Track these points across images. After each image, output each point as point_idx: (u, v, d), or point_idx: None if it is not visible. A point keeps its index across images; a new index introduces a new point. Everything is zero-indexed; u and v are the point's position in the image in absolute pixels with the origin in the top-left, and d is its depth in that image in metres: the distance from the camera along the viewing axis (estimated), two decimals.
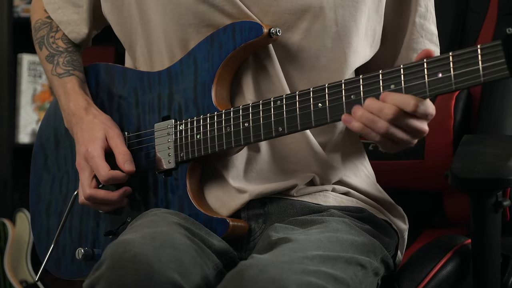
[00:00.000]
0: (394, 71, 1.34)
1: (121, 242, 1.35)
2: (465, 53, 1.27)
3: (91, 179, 1.57)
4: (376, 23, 1.59)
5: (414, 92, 1.32)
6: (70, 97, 1.64)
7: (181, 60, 1.57)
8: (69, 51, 1.71)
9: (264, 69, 1.53)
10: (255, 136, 1.47)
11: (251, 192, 1.52)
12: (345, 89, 1.39)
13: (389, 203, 1.65)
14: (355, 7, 1.53)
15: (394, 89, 1.34)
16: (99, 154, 1.56)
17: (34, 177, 1.78)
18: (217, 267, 1.42)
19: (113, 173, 1.54)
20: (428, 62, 1.31)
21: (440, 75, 1.30)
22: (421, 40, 1.63)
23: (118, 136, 1.58)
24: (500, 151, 1.57)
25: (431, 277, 1.60)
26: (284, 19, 1.51)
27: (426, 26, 1.63)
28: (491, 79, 1.25)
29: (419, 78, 1.32)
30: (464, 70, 1.27)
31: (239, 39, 1.50)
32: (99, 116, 1.61)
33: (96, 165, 1.55)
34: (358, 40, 1.55)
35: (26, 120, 3.41)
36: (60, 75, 1.67)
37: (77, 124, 1.61)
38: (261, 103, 1.46)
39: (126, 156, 1.56)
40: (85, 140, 1.58)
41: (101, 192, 1.56)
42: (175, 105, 1.57)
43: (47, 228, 1.73)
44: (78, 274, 1.68)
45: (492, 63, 1.25)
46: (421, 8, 1.62)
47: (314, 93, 1.41)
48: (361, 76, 1.37)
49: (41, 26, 1.74)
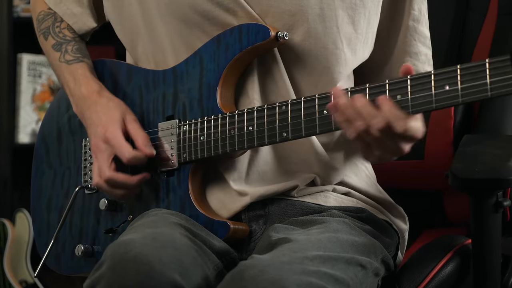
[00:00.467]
0: (401, 82, 1.33)
1: (121, 242, 1.35)
2: (473, 67, 1.27)
3: (110, 161, 1.55)
4: (375, 25, 1.59)
5: (421, 103, 1.31)
6: (81, 82, 1.63)
7: (187, 60, 1.56)
8: (76, 40, 1.71)
9: (269, 71, 1.53)
10: (259, 140, 1.46)
11: (252, 195, 1.52)
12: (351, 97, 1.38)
13: (389, 203, 1.65)
14: (353, 9, 1.53)
15: (400, 99, 1.33)
16: (120, 135, 1.55)
17: (36, 171, 1.77)
18: (217, 267, 1.42)
19: (137, 153, 1.53)
20: (436, 74, 1.30)
21: (447, 88, 1.29)
22: (415, 43, 1.63)
23: (135, 120, 1.58)
24: (500, 151, 1.56)
25: (431, 278, 1.60)
26: (284, 20, 1.51)
27: (420, 29, 1.64)
28: (498, 94, 1.24)
29: (425, 90, 1.31)
30: (472, 84, 1.27)
31: (245, 41, 1.50)
32: (113, 99, 1.61)
33: (120, 146, 1.53)
34: (358, 43, 1.56)
35: (25, 120, 3.41)
36: (69, 62, 1.67)
37: (90, 107, 1.60)
38: (266, 107, 1.46)
39: (146, 140, 1.55)
40: (103, 122, 1.56)
41: (121, 175, 1.55)
42: (180, 105, 1.56)
43: (47, 223, 1.73)
44: (77, 270, 1.68)
45: (500, 78, 1.24)
46: (415, 11, 1.62)
47: (320, 100, 1.41)
48: (367, 85, 1.36)
49: (45, 17, 1.74)
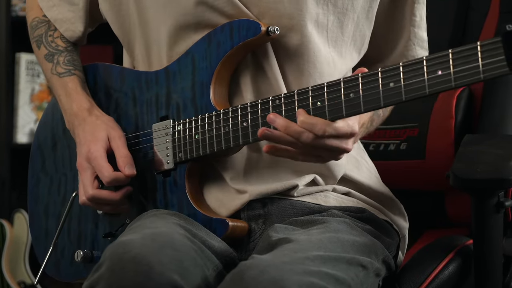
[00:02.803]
0: (393, 69, 1.33)
1: (120, 243, 1.34)
2: (465, 50, 1.27)
3: (93, 180, 1.56)
4: (366, 28, 1.60)
5: (414, 89, 1.31)
6: (72, 98, 1.63)
7: (179, 60, 1.56)
8: (68, 50, 1.70)
9: (262, 69, 1.53)
10: (254, 135, 1.46)
11: (251, 193, 1.51)
12: (344, 87, 1.38)
13: (390, 200, 1.65)
14: (343, 13, 1.55)
15: (393, 86, 1.33)
16: (101, 155, 1.55)
17: (32, 178, 1.77)
18: (217, 268, 1.41)
19: (116, 175, 1.54)
20: (428, 60, 1.30)
21: (439, 73, 1.29)
22: (413, 47, 1.66)
23: (120, 138, 1.57)
24: (502, 151, 1.56)
25: (432, 278, 1.59)
26: (282, 23, 1.50)
27: (419, 34, 1.67)
28: (491, 76, 1.24)
29: (418, 76, 1.31)
30: (464, 67, 1.27)
31: (236, 37, 1.49)
32: (101, 117, 1.61)
33: (100, 166, 1.54)
34: (343, 45, 1.57)
35: (24, 120, 3.40)
36: (61, 75, 1.66)
37: (79, 126, 1.60)
38: (260, 102, 1.45)
39: (126, 159, 1.55)
40: (87, 141, 1.57)
41: (104, 192, 1.56)
42: (173, 105, 1.56)
43: (45, 229, 1.72)
44: (77, 276, 1.68)
45: (492, 60, 1.24)
46: (416, 17, 1.65)
47: (313, 92, 1.41)
48: (360, 74, 1.36)
49: (39, 25, 1.73)
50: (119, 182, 1.55)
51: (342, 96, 1.38)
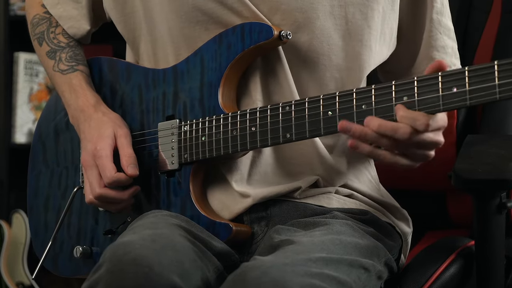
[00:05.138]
0: (407, 83, 1.32)
1: (120, 244, 1.33)
2: (481, 69, 1.26)
3: (100, 178, 1.54)
4: (392, 21, 1.58)
5: (427, 105, 1.30)
6: (78, 93, 1.62)
7: (188, 59, 1.54)
8: (70, 45, 1.69)
9: (272, 70, 1.51)
10: (262, 141, 1.44)
11: (254, 197, 1.51)
12: (356, 98, 1.37)
13: (393, 206, 1.64)
14: (365, 5, 1.52)
15: (407, 101, 1.32)
16: (107, 154, 1.53)
17: (33, 170, 1.75)
18: (218, 269, 1.40)
19: (118, 176, 1.52)
20: (443, 76, 1.29)
21: (455, 90, 1.28)
22: (440, 37, 1.62)
23: (126, 136, 1.56)
24: (504, 151, 1.55)
25: (434, 280, 1.59)
26: (294, 17, 1.49)
27: (444, 22, 1.63)
28: (507, 96, 1.24)
29: (433, 92, 1.30)
30: (480, 86, 1.26)
31: (248, 40, 1.48)
32: (108, 114, 1.59)
33: (103, 166, 1.53)
34: (372, 39, 1.54)
35: (22, 120, 3.39)
36: (64, 71, 1.65)
37: (85, 121, 1.59)
38: (269, 108, 1.44)
39: (130, 159, 1.54)
40: (94, 138, 1.55)
41: (112, 191, 1.54)
42: (180, 104, 1.55)
43: (44, 222, 1.71)
44: (75, 272, 1.67)
45: (509, 80, 1.23)
46: (437, 4, 1.62)
47: (325, 101, 1.39)
48: (373, 86, 1.35)
49: (40, 22, 1.72)
50: (120, 183, 1.53)
51: (354, 107, 1.36)
